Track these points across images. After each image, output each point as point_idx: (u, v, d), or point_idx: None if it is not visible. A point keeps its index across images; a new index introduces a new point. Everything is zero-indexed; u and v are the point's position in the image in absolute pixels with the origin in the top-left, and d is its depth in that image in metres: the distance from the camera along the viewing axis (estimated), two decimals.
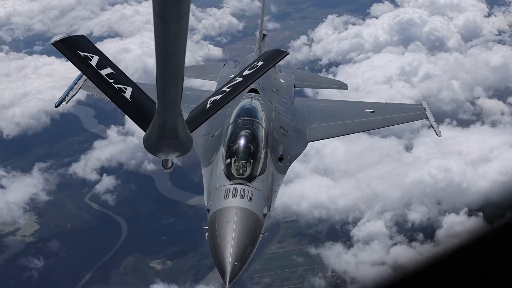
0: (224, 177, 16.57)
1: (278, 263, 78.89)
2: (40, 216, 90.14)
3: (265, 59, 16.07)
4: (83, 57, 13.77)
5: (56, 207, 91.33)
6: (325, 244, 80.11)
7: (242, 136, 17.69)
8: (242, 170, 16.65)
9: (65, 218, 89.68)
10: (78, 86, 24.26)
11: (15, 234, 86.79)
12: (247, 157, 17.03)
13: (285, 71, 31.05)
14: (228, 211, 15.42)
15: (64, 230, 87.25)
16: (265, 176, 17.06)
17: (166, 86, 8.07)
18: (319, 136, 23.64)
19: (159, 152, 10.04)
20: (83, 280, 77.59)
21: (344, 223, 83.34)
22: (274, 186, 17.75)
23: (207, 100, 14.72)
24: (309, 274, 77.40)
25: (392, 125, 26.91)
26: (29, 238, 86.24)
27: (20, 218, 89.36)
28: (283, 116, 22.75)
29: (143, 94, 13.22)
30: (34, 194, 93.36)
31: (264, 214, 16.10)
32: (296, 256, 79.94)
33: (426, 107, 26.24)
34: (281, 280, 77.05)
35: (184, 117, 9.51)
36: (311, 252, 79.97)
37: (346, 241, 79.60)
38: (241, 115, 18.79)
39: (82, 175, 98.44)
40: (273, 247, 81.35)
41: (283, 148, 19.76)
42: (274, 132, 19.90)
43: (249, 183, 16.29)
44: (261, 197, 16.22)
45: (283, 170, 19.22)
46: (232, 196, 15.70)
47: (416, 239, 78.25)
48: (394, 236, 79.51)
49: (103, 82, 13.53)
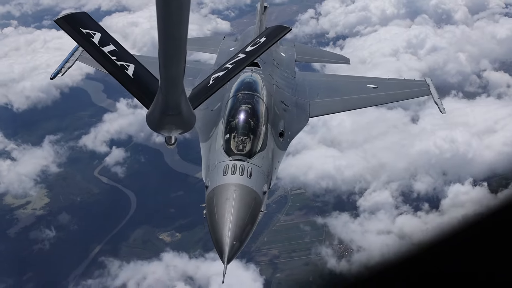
0: (223, 152, 16.16)
1: (285, 235, 79.24)
2: (50, 189, 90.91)
3: (268, 35, 15.96)
4: (85, 34, 13.84)
5: (65, 181, 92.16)
6: (332, 214, 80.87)
7: (242, 110, 17.20)
8: (242, 146, 16.23)
9: (75, 191, 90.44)
10: (74, 57, 24.09)
11: (25, 208, 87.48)
12: (247, 133, 16.56)
13: (287, 44, 30.79)
14: (227, 188, 14.98)
15: (74, 203, 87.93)
16: (265, 152, 16.70)
17: (169, 63, 8.12)
18: (321, 111, 23.14)
19: (162, 129, 10.07)
20: (93, 252, 78.17)
21: (351, 193, 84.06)
22: (274, 163, 17.39)
23: (210, 77, 14.62)
24: (316, 243, 77.98)
25: (395, 101, 26.83)
26: (39, 211, 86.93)
27: (31, 190, 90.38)
28: (284, 90, 22.50)
29: (145, 71, 13.33)
30: (45, 166, 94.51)
31: (264, 192, 15.73)
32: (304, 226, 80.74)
33: (430, 83, 25.97)
34: (289, 252, 77.13)
35: (187, 94, 9.63)
36: (318, 222, 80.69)
37: (353, 211, 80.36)
38: (241, 88, 18.36)
39: (92, 148, 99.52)
40: (281, 220, 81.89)
41: (284, 124, 19.34)
42: (275, 107, 19.54)
43: (249, 159, 15.90)
44: (261, 174, 15.87)
45: (284, 147, 18.80)
46: (231, 173, 15.27)
47: (422, 209, 78.94)
48: (399, 206, 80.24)
49: (106, 59, 13.65)
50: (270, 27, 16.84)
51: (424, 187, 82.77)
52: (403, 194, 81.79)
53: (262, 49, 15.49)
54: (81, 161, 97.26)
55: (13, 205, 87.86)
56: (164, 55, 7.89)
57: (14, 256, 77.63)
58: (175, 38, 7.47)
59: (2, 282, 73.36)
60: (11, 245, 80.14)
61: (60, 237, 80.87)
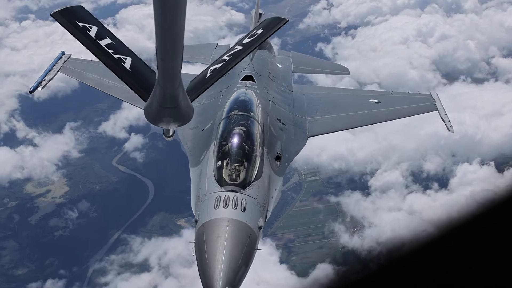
0: (214, 182, 14.94)
1: (300, 220, 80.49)
2: (70, 178, 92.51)
3: (265, 27, 15.37)
4: (82, 28, 13.65)
5: (84, 170, 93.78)
6: (345, 192, 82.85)
7: (236, 134, 16.02)
8: (235, 174, 15.02)
9: (94, 180, 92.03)
10: (56, 69, 23.11)
11: (45, 196, 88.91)
12: (241, 159, 15.42)
13: (283, 54, 29.77)
14: (219, 224, 13.73)
15: (93, 192, 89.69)
16: (261, 181, 15.45)
17: (166, 56, 8.14)
18: (320, 130, 21.48)
19: (160, 122, 10.00)
20: (112, 238, 79.79)
21: (363, 174, 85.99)
22: (271, 191, 16.09)
23: (208, 69, 14.24)
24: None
25: (399, 117, 23.91)
26: (59, 199, 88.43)
27: (53, 175, 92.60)
28: (281, 107, 21.20)
29: (143, 64, 13.20)
30: (66, 152, 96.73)
31: (260, 227, 14.50)
32: (318, 211, 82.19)
33: (436, 98, 24.58)
34: (303, 236, 78.34)
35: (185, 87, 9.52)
36: (331, 201, 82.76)
37: (365, 190, 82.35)
38: (235, 108, 17.29)
39: (111, 134, 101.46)
40: (296, 205, 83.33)
41: (281, 146, 18.10)
42: (271, 126, 18.37)
43: (242, 190, 14.65)
44: (256, 207, 14.60)
45: (281, 172, 17.40)
46: (223, 206, 14.05)
47: (431, 188, 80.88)
48: (409, 185, 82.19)
49: (103, 52, 13.45)
50: (267, 18, 16.11)
51: (433, 167, 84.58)
52: (413, 174, 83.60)
53: (259, 41, 15.06)
54: (100, 149, 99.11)
55: (33, 194, 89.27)
56: (161, 48, 7.99)
57: (35, 242, 79.39)
58: (172, 30, 7.52)
59: (25, 267, 75.11)
60: (32, 232, 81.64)
61: (80, 223, 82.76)
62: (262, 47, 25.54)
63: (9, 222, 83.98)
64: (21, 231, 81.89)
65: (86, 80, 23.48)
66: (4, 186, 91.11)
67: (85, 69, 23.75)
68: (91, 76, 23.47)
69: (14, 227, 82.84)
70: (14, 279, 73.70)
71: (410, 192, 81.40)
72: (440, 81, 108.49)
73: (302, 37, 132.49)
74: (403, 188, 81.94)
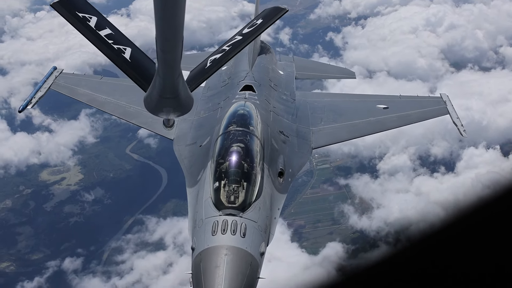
0: (211, 205, 14.00)
1: (311, 207, 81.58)
2: (84, 166, 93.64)
3: (264, 17, 15.12)
4: (82, 18, 13.54)
5: (98, 158, 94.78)
6: (354, 175, 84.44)
7: (233, 152, 15.15)
8: (233, 196, 14.05)
9: (108, 168, 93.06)
10: (47, 85, 22.62)
11: (60, 183, 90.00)
12: (239, 179, 14.45)
13: (285, 59, 28.38)
14: (217, 252, 12.74)
15: (107, 179, 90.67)
16: (261, 201, 14.46)
17: (166, 47, 8.17)
18: (326, 140, 20.58)
19: (160, 112, 10.03)
20: (126, 224, 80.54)
21: (371, 158, 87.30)
22: (273, 211, 15.10)
23: (207, 59, 14.01)
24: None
25: (409, 124, 22.76)
26: (74, 186, 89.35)
27: (69, 160, 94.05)
28: (283, 117, 20.33)
29: (142, 54, 13.16)
30: (82, 137, 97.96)
31: (262, 253, 13.49)
32: (328, 198, 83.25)
33: (447, 100, 23.22)
34: (314, 222, 79.29)
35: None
36: (341, 183, 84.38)
37: (373, 173, 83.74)
38: (233, 122, 16.48)
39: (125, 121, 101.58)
40: (307, 193, 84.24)
41: (284, 160, 17.26)
42: (273, 140, 17.53)
43: (242, 213, 13.72)
44: (257, 231, 13.60)
45: (284, 189, 16.49)
46: (221, 232, 13.09)
47: (438, 171, 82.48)
48: (417, 169, 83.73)
49: (102, 42, 13.36)
50: (267, 8, 15.81)
51: (440, 151, 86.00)
52: (420, 158, 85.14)
53: (259, 31, 14.88)
54: (114, 137, 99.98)
55: (48, 181, 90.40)
56: (161, 39, 8.00)
57: (51, 228, 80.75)
58: (172, 21, 7.51)
59: (41, 252, 76.28)
60: (48, 218, 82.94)
61: (94, 210, 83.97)
62: (263, 52, 25.29)
63: (25, 208, 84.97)
64: (37, 217, 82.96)
65: (78, 96, 22.90)
66: (22, 170, 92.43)
67: (77, 84, 23.27)
68: (83, 92, 22.91)
69: (29, 214, 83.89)
70: (30, 263, 74.91)
71: (418, 175, 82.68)
72: (448, 69, 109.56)
73: (313, 28, 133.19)
74: (411, 171, 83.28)
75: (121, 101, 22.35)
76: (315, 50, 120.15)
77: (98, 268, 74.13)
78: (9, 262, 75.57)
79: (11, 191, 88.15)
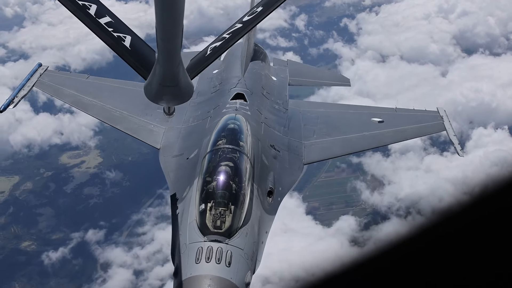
0: (196, 229, 13.27)
1: (325, 190, 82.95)
2: (103, 150, 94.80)
3: (265, 4, 14.76)
4: (82, 6, 13.37)
5: (117, 142, 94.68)
6: (366, 154, 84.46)
7: (221, 172, 14.41)
8: (219, 221, 13.37)
9: (126, 151, 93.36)
10: (31, 83, 21.63)
11: (80, 166, 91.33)
12: (227, 203, 13.74)
13: (279, 64, 27.10)
14: (200, 283, 12.18)
15: (125, 163, 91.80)
16: (249, 226, 13.80)
17: (166, 36, 8.25)
18: (318, 156, 19.77)
19: (160, 100, 10.28)
20: (145, 205, 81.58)
21: None
22: (261, 236, 14.41)
23: (208, 47, 14.03)
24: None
25: (403, 140, 22.47)
26: (93, 169, 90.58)
27: (90, 141, 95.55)
28: (275, 129, 19.54)
29: (142, 42, 13.18)
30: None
31: (247, 283, 12.91)
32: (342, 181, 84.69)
33: (444, 116, 22.56)
34: (328, 205, 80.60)
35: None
36: (353, 161, 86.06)
37: (385, 151, 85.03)
38: (223, 136, 15.80)
39: None
40: (322, 176, 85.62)
41: (274, 177, 16.55)
42: (263, 156, 16.80)
43: (228, 239, 13.04)
44: (243, 259, 12.96)
45: (273, 209, 15.76)
46: (205, 260, 12.44)
47: (448, 150, 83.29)
48: (427, 148, 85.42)
49: (102, 30, 13.27)
50: None
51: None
52: (431, 137, 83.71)
53: (259, 18, 14.55)
54: None
55: (68, 164, 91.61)
56: (161, 27, 8.06)
57: (71, 209, 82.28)
58: (172, 11, 7.56)
59: (61, 232, 78.01)
60: (68, 199, 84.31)
61: (113, 192, 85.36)
62: (256, 56, 24.26)
63: (45, 190, 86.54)
64: (57, 199, 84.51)
65: (63, 97, 22.09)
66: (45, 149, 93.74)
67: (62, 84, 22.35)
68: (68, 93, 22.01)
69: (50, 195, 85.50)
70: (50, 242, 76.25)
71: (428, 154, 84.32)
72: (460, 55, 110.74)
73: (328, 17, 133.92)
74: (421, 151, 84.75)
75: (107, 104, 21.63)
76: (330, 36, 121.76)
77: (120, 239, 75.81)
78: (30, 241, 76.63)
79: (32, 173, 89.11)
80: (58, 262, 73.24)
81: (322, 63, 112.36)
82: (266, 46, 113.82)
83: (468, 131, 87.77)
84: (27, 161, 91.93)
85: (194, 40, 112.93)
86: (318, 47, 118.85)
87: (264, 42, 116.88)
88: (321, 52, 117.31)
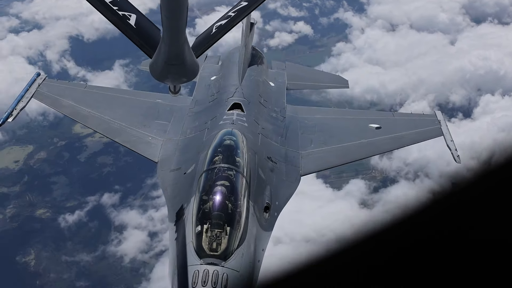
0: (193, 252, 13.33)
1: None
2: None
3: None
4: None
5: None
6: None
7: (217, 192, 14.40)
8: (215, 243, 13.37)
9: None
10: (29, 94, 21.19)
11: (93, 136, 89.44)
12: (223, 224, 13.75)
13: (277, 67, 26.92)
14: None
15: None
16: (245, 246, 13.78)
17: (171, 14, 8.24)
18: (315, 166, 19.67)
19: (165, 79, 10.42)
20: None
21: (392, 104, 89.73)
22: (257, 254, 14.32)
23: (213, 26, 13.97)
24: None
25: (401, 146, 22.52)
26: (106, 139, 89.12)
27: None
28: (272, 139, 19.55)
29: (147, 21, 13.23)
30: (116, 86, 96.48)
31: None
32: None
33: (442, 120, 22.21)
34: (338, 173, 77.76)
35: None
36: None
37: None
38: (219, 152, 15.89)
39: None
40: None
41: (270, 192, 16.48)
42: (260, 170, 16.76)
43: (224, 262, 13.09)
44: (239, 281, 13.07)
45: (270, 226, 15.72)
46: (201, 284, 12.54)
47: (456, 117, 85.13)
48: None
49: (107, 9, 13.27)
50: None
51: (458, 99, 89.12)
52: (439, 104, 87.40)
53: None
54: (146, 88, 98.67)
55: (81, 134, 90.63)
56: (166, 5, 8.08)
57: (85, 177, 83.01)
58: None
59: (75, 200, 78.82)
60: (82, 168, 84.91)
61: (127, 160, 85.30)
62: (254, 61, 24.10)
63: (59, 159, 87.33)
64: (71, 168, 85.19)
65: (62, 108, 21.76)
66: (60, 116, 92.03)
67: (61, 94, 22.09)
68: (66, 103, 21.72)
69: (64, 164, 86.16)
70: (64, 210, 77.20)
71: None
72: (469, 24, 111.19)
73: None
74: None
75: (105, 115, 21.39)
76: (340, 5, 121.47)
77: (135, 202, 77.22)
78: (45, 209, 77.39)
79: (46, 143, 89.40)
80: (74, 225, 74.35)
81: (333, 33, 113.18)
82: (278, 16, 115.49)
83: (476, 98, 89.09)
84: (41, 130, 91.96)
85: (206, 11, 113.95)
86: (329, 17, 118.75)
87: (276, 12, 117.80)
88: (331, 21, 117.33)
